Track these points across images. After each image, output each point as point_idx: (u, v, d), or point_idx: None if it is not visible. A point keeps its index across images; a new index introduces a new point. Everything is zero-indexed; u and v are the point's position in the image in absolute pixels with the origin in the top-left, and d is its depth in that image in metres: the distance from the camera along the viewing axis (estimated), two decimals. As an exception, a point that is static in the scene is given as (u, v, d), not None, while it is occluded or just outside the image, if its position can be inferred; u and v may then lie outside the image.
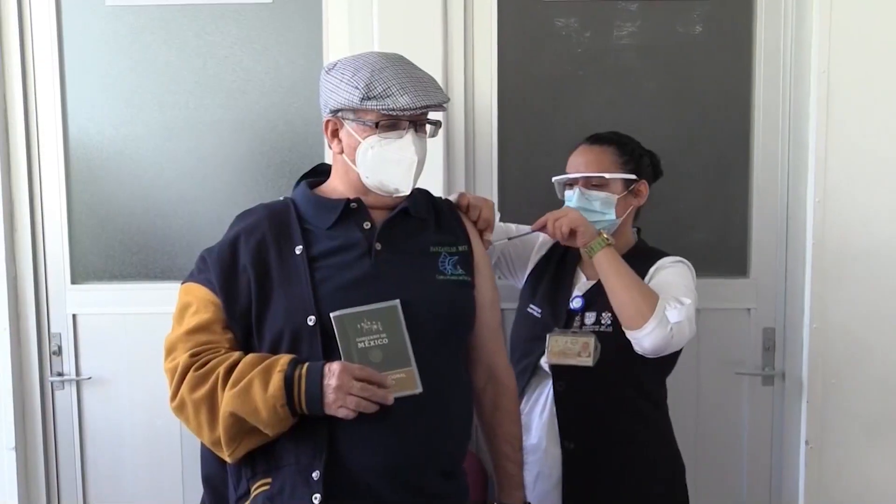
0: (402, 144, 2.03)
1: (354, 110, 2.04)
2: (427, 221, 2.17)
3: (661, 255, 2.53)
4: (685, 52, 3.04)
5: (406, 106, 1.98)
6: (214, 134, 3.04)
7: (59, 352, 3.07)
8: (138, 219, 3.06)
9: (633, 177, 2.53)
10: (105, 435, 3.09)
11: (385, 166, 2.04)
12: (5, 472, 3.02)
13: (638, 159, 2.57)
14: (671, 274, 2.45)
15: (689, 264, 2.53)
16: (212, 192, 3.05)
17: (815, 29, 2.84)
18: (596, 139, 2.59)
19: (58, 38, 3.00)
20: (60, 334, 3.07)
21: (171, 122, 3.03)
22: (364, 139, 2.04)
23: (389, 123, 2.03)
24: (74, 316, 3.07)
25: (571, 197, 2.52)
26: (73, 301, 3.06)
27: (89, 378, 3.08)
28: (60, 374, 3.08)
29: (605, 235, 2.38)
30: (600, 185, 2.51)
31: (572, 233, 2.40)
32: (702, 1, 3.00)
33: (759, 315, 3.06)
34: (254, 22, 3.00)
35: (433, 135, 2.14)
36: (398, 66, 2.05)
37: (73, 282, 3.07)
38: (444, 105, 2.08)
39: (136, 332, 3.04)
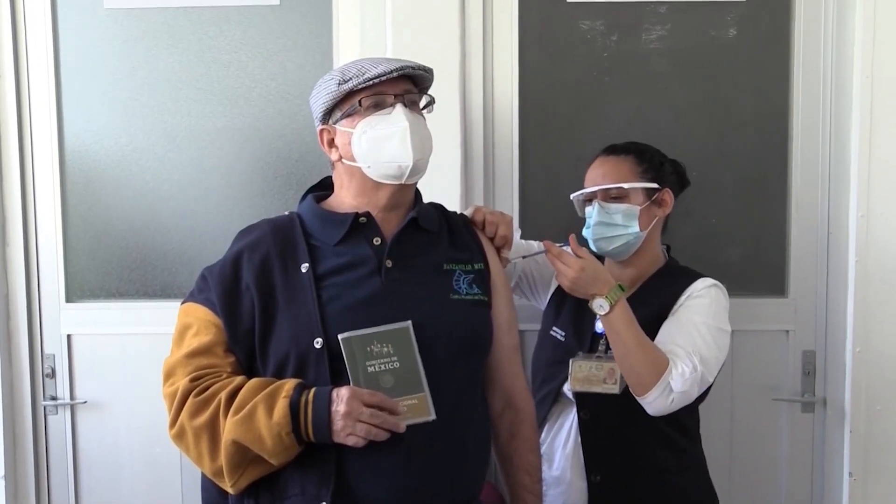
0: (393, 118, 2.04)
1: (338, 103, 2.08)
2: (439, 236, 2.18)
3: (695, 276, 2.49)
4: (718, 57, 3.04)
5: (381, 72, 2.01)
6: (218, 143, 3.06)
7: (52, 374, 3.09)
8: (137, 233, 3.08)
9: (655, 185, 2.51)
10: (101, 463, 3.10)
11: (381, 145, 2.04)
12: (-5, 502, 3.03)
13: (658, 167, 2.55)
14: (701, 308, 2.40)
15: (724, 289, 2.49)
16: (215, 205, 3.07)
17: (857, 31, 2.83)
18: (612, 150, 2.58)
19: (53, 42, 3.03)
20: (54, 355, 3.09)
21: (171, 131, 3.05)
22: (355, 128, 2.06)
23: (374, 102, 2.05)
24: (69, 336, 3.08)
25: (591, 213, 2.51)
26: (68, 320, 3.08)
27: (84, 402, 3.09)
28: (54, 398, 3.09)
29: (602, 301, 2.30)
30: (620, 196, 2.49)
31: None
32: (736, 2, 3.00)
33: (799, 337, 3.05)
34: (260, 25, 3.02)
35: (429, 111, 2.16)
36: (373, 57, 2.14)
37: (68, 300, 3.09)
38: (427, 73, 2.11)
39: (134, 354, 3.05)
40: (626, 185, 2.48)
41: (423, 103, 2.15)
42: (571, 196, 2.60)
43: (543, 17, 3.01)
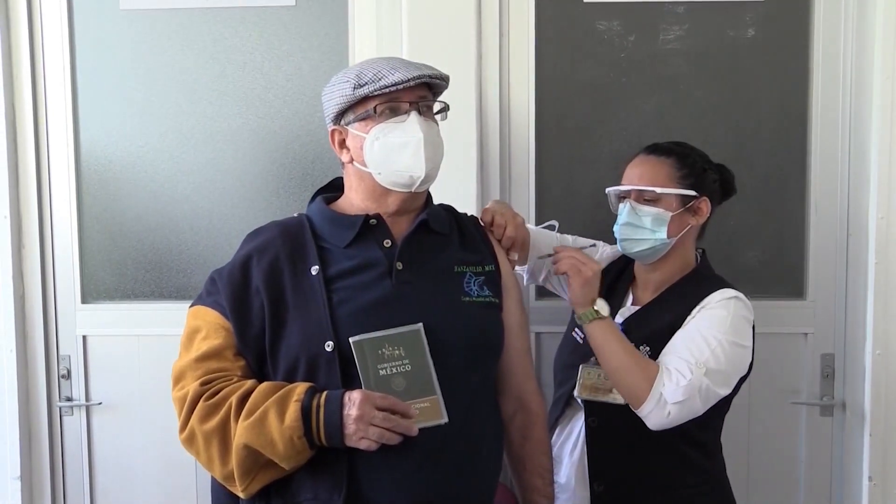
0: (406, 127, 2.02)
1: (352, 106, 2.05)
2: (450, 237, 2.16)
3: (716, 286, 2.39)
4: (737, 58, 3.01)
5: (398, 80, 1.98)
6: (233, 144, 3.06)
7: (67, 375, 3.09)
8: (152, 234, 3.08)
9: (693, 193, 2.41)
10: (116, 464, 3.11)
11: (393, 154, 2.02)
12: None
13: (700, 174, 2.43)
14: (714, 320, 2.29)
15: (746, 302, 2.37)
16: (230, 206, 3.07)
17: (878, 30, 2.82)
18: (654, 149, 2.48)
19: (69, 43, 3.04)
20: (69, 356, 3.09)
21: (187, 132, 3.06)
22: (368, 133, 2.04)
23: (389, 108, 2.03)
24: (84, 337, 3.09)
25: (622, 211, 2.43)
26: (83, 321, 3.09)
27: (99, 403, 3.10)
28: (69, 399, 3.10)
29: (597, 309, 2.28)
30: (653, 199, 2.40)
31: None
32: (755, 2, 2.97)
33: (817, 340, 3.03)
34: (275, 26, 3.02)
35: (443, 118, 2.14)
36: (389, 57, 2.11)
37: (84, 301, 3.09)
38: (444, 81, 2.09)
39: (149, 355, 3.06)
40: (659, 190, 2.39)
41: (436, 108, 2.13)
42: (607, 190, 2.52)
43: (560, 18, 2.99)
